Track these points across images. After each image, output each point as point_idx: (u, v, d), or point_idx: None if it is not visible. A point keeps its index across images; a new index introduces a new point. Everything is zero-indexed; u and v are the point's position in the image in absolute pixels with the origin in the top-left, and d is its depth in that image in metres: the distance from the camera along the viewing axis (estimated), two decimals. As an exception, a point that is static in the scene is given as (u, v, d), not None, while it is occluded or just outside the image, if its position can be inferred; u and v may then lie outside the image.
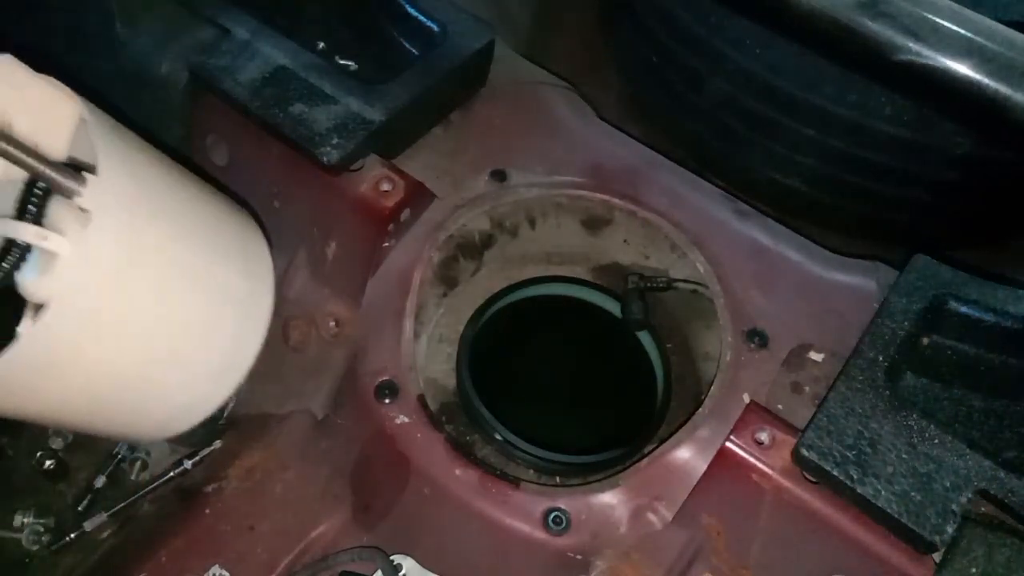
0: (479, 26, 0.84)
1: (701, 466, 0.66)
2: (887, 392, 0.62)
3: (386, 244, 0.78)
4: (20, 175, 0.42)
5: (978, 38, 0.47)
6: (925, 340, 0.68)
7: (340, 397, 0.75)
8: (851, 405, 0.62)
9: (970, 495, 0.57)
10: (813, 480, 0.63)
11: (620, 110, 0.89)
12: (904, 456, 0.59)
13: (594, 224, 0.84)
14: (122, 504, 0.74)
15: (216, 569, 0.67)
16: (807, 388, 0.69)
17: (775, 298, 0.73)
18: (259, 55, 0.77)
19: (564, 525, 0.64)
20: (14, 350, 0.39)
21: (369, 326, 0.75)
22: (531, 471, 0.75)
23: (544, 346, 0.87)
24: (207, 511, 0.70)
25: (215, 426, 0.78)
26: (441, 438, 0.69)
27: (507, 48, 0.90)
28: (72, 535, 0.72)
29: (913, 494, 0.58)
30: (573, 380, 0.87)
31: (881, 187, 0.85)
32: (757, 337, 0.71)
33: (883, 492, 0.58)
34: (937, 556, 0.57)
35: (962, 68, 0.46)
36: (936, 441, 0.60)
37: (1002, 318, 0.65)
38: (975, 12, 0.48)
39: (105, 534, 0.73)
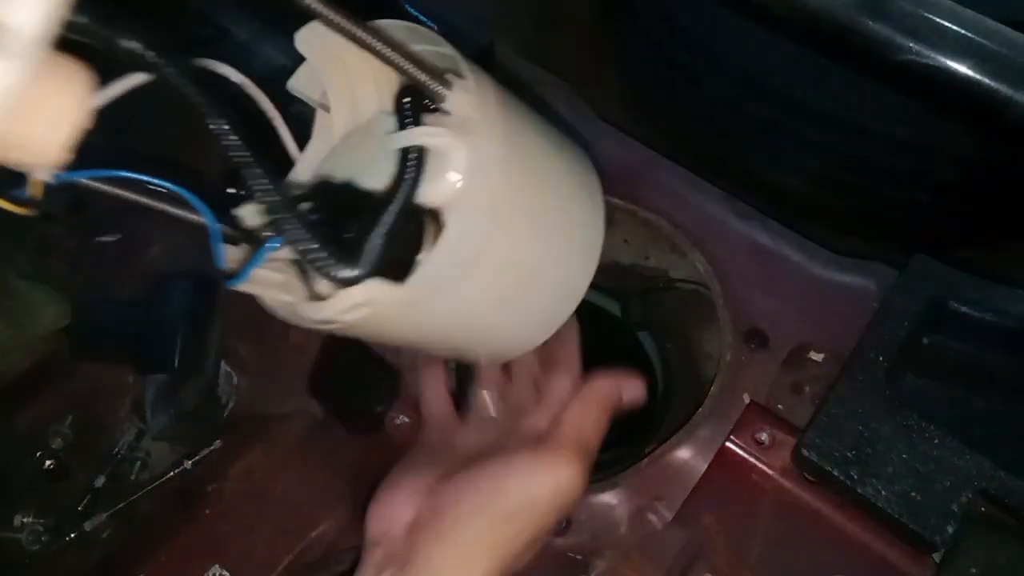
0: (479, 26, 0.84)
1: (701, 466, 0.66)
2: (887, 392, 0.62)
3: (386, 244, 0.78)
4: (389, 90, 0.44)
5: (978, 38, 0.47)
6: (925, 340, 0.68)
7: (340, 397, 0.75)
8: (851, 405, 0.62)
9: (970, 495, 0.57)
10: (813, 480, 0.63)
11: (620, 110, 0.89)
12: (904, 456, 0.59)
13: (594, 224, 0.84)
14: (122, 504, 0.74)
15: (216, 569, 0.67)
16: (807, 388, 0.69)
17: (775, 298, 0.73)
18: (259, 55, 0.77)
19: (564, 525, 0.64)
20: (437, 253, 0.40)
21: (369, 326, 0.75)
22: (531, 471, 0.74)
23: (544, 346, 0.87)
24: (207, 511, 0.70)
25: (215, 426, 0.78)
26: (441, 438, 0.69)
27: (507, 48, 0.90)
28: (72, 535, 0.72)
29: (913, 494, 0.58)
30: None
31: (881, 187, 0.85)
32: (757, 337, 0.71)
33: (883, 492, 0.58)
34: (937, 556, 0.57)
35: (962, 68, 0.46)
36: (936, 441, 0.60)
37: (1002, 318, 0.65)
38: (975, 12, 0.48)
39: (105, 534, 0.73)
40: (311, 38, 0.46)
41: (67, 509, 0.74)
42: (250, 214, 0.44)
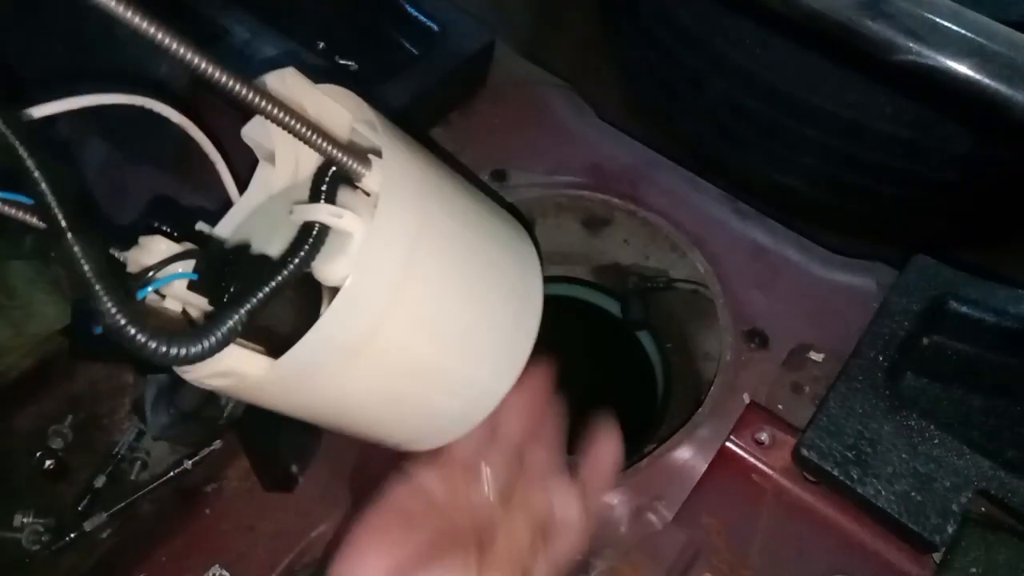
0: (479, 26, 0.84)
1: (701, 466, 0.66)
2: (887, 392, 0.62)
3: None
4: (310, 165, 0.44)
5: (978, 38, 0.47)
6: (925, 340, 0.68)
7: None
8: (851, 405, 0.62)
9: (970, 495, 0.57)
10: (813, 480, 0.63)
11: (620, 110, 0.89)
12: (904, 456, 0.59)
13: (594, 224, 0.84)
14: (122, 504, 0.74)
15: (216, 569, 0.67)
16: (807, 388, 0.69)
17: (775, 298, 0.74)
18: (259, 55, 0.77)
19: (564, 525, 0.64)
20: (317, 330, 0.39)
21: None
22: (531, 471, 0.74)
23: (544, 346, 0.87)
24: (207, 511, 0.70)
25: (215, 426, 0.78)
26: (441, 438, 0.69)
27: (507, 48, 0.90)
28: (72, 535, 0.72)
29: (913, 494, 0.58)
30: (572, 380, 0.87)
31: (881, 187, 0.85)
32: (757, 337, 0.71)
33: (883, 492, 0.58)
34: (937, 556, 0.57)
35: (962, 68, 0.46)
36: (936, 441, 0.60)
37: (1002, 318, 0.65)
38: (975, 12, 0.48)
39: (105, 534, 0.73)
40: None
41: (67, 509, 0.74)
42: (132, 263, 0.42)
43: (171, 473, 0.75)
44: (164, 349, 0.35)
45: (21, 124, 0.35)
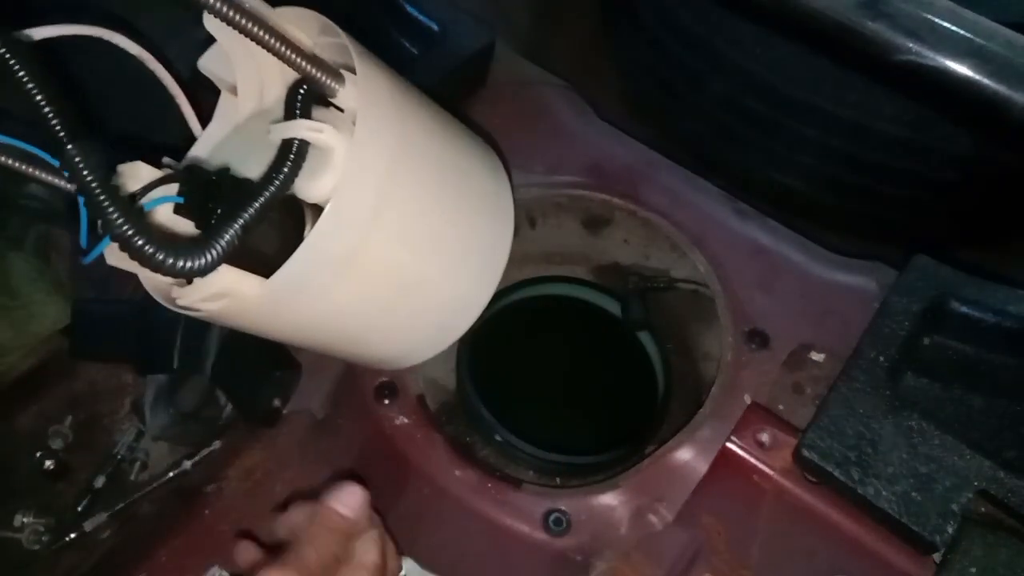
0: (479, 26, 0.84)
1: (702, 467, 0.66)
2: (888, 392, 0.62)
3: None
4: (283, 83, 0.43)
5: (978, 38, 0.47)
6: (925, 340, 0.68)
7: (340, 397, 0.75)
8: (852, 405, 0.62)
9: (970, 495, 0.57)
10: (814, 480, 0.63)
11: (620, 110, 0.89)
12: (905, 456, 0.59)
13: (594, 224, 0.84)
14: (122, 504, 0.74)
15: (216, 569, 0.67)
16: (808, 388, 0.69)
17: (776, 298, 0.73)
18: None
19: (564, 526, 0.64)
20: (308, 243, 0.39)
21: (369, 326, 0.75)
22: (531, 472, 0.75)
23: (544, 346, 0.87)
24: (207, 511, 0.70)
25: (215, 426, 0.78)
26: (441, 438, 0.69)
27: (507, 48, 0.90)
28: (72, 535, 0.72)
29: (914, 494, 0.58)
30: (573, 380, 0.87)
31: (881, 187, 0.85)
32: (758, 337, 0.71)
33: (884, 492, 0.58)
34: (937, 556, 0.57)
35: (962, 68, 0.46)
36: (936, 441, 0.60)
37: (1002, 318, 0.65)
38: (975, 12, 0.48)
39: (105, 534, 0.73)
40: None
41: (67, 509, 0.74)
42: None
43: (171, 473, 0.75)
44: (171, 260, 0.36)
45: (18, 43, 0.36)
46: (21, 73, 0.35)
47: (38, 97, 0.35)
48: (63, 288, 0.84)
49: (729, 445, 0.65)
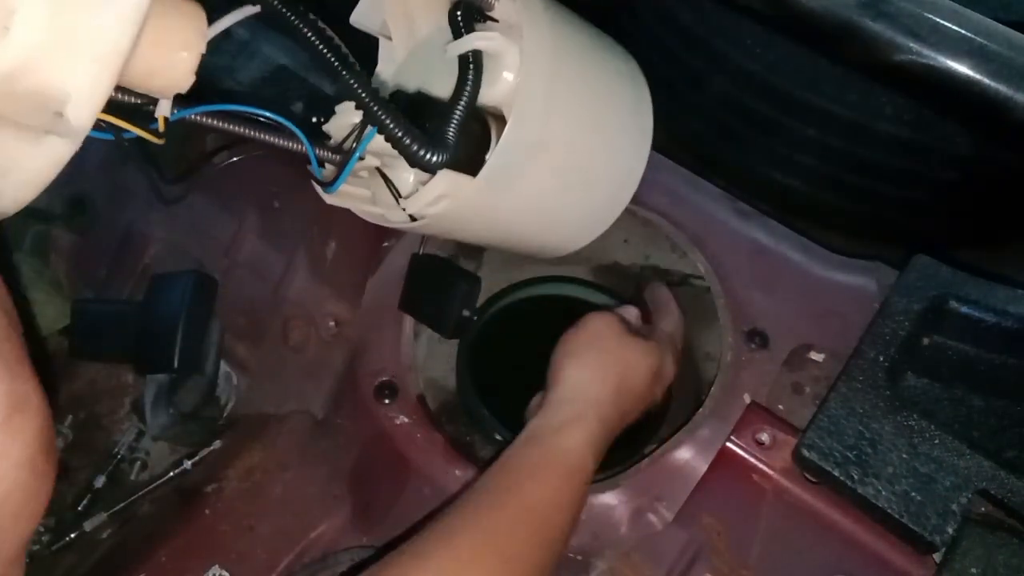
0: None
1: (702, 466, 0.66)
2: (888, 392, 0.62)
3: (386, 244, 0.78)
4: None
5: (978, 38, 0.47)
6: (926, 340, 0.68)
7: (340, 397, 0.75)
8: (852, 405, 0.62)
9: (970, 495, 0.57)
10: (814, 480, 0.63)
11: (620, 110, 0.89)
12: (904, 456, 0.59)
13: (594, 224, 0.84)
14: (122, 504, 0.74)
15: (216, 569, 0.67)
16: (808, 388, 0.69)
17: (776, 298, 0.73)
18: (259, 55, 0.77)
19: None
20: (504, 144, 0.46)
21: (369, 326, 0.75)
22: (531, 471, 0.74)
23: (544, 346, 0.87)
24: (207, 511, 0.70)
25: (215, 426, 0.78)
26: (441, 438, 0.69)
27: (507, 48, 0.90)
28: (72, 535, 0.72)
29: (913, 494, 0.58)
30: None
31: (881, 187, 0.85)
32: (758, 337, 0.71)
33: (883, 492, 0.58)
34: (937, 556, 0.57)
35: (962, 68, 0.46)
36: (936, 441, 0.60)
37: (1002, 318, 0.65)
38: (975, 12, 0.48)
39: (105, 534, 0.73)
40: None
41: (67, 509, 0.74)
42: (336, 129, 0.49)
43: (171, 473, 0.75)
44: (426, 154, 0.44)
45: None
46: (296, 21, 0.44)
47: (309, 34, 0.44)
48: (62, 288, 0.84)
49: (729, 445, 0.65)
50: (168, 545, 0.68)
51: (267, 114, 0.44)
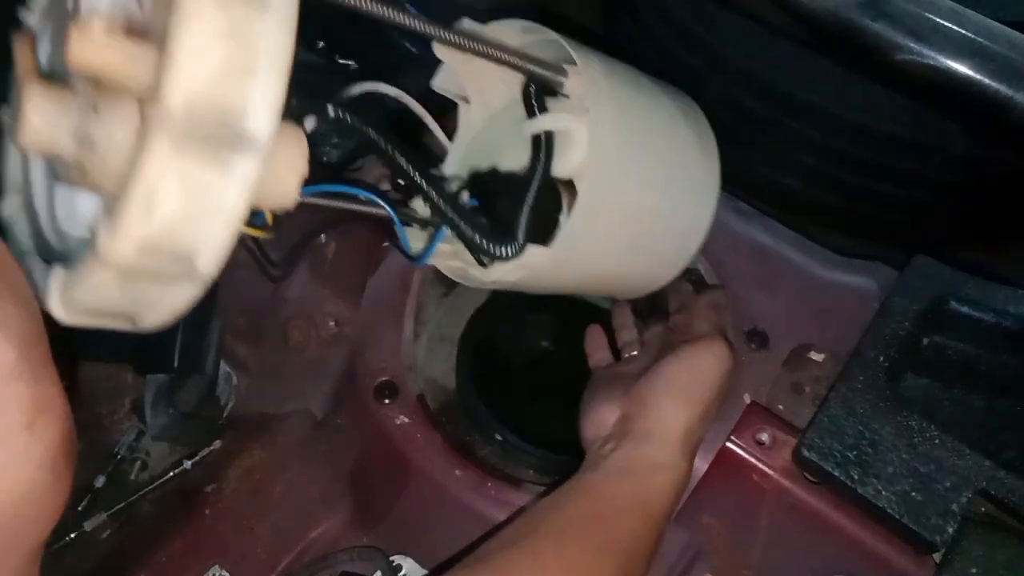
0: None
1: (702, 467, 0.66)
2: (888, 392, 0.62)
3: (386, 244, 0.78)
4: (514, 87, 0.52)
5: (978, 38, 0.47)
6: (926, 340, 0.68)
7: (340, 397, 0.75)
8: (852, 405, 0.62)
9: (970, 495, 0.57)
10: (814, 480, 0.63)
11: (620, 110, 0.89)
12: (905, 456, 0.59)
13: (594, 224, 0.84)
14: (122, 504, 0.74)
15: (216, 569, 0.67)
16: (808, 388, 0.69)
17: (776, 298, 0.73)
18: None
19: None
20: (574, 219, 0.49)
21: (369, 326, 0.75)
22: (531, 471, 0.74)
23: (546, 347, 0.87)
24: (207, 511, 0.70)
25: (215, 426, 0.78)
26: (441, 438, 0.69)
27: (507, 48, 0.89)
28: (72, 535, 0.72)
29: (913, 494, 0.58)
30: (574, 379, 0.87)
31: (881, 187, 0.85)
32: (757, 337, 0.71)
33: (884, 492, 0.58)
34: (937, 556, 0.57)
35: (962, 68, 0.46)
36: (936, 441, 0.60)
37: (1002, 318, 0.65)
38: (975, 12, 0.48)
39: (105, 534, 0.73)
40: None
41: (67, 509, 0.74)
42: (421, 206, 0.53)
43: (171, 473, 0.75)
44: (496, 249, 0.47)
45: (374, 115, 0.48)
46: (373, 135, 0.47)
47: (387, 145, 0.47)
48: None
49: (729, 445, 0.65)
50: (168, 545, 0.68)
51: (366, 195, 0.48)
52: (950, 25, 0.47)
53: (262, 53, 0.28)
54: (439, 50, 0.53)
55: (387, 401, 0.70)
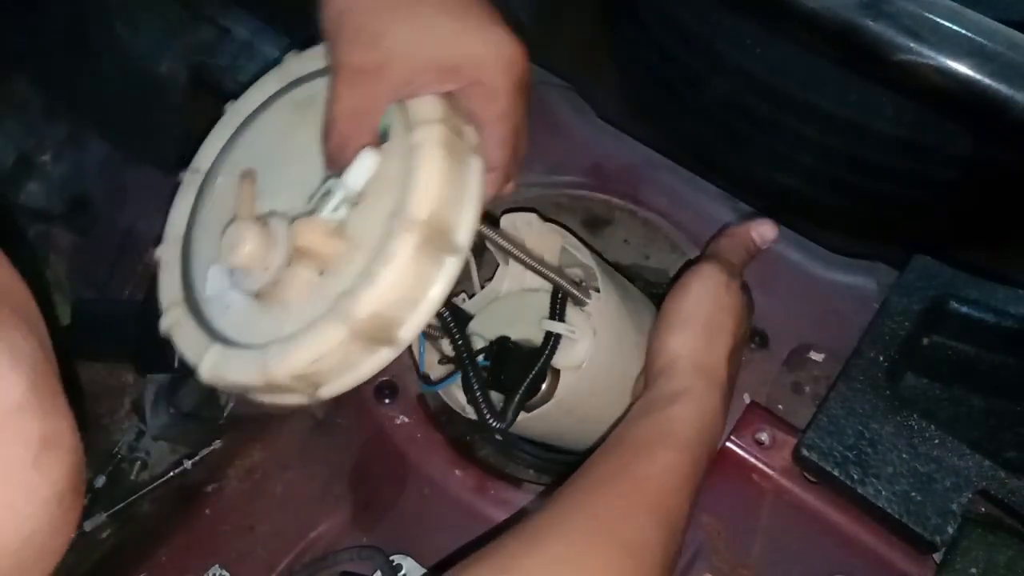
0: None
1: (701, 466, 0.66)
2: (887, 392, 0.62)
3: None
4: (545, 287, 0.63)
5: (978, 38, 0.47)
6: (925, 340, 0.68)
7: (340, 397, 0.75)
8: (851, 405, 0.62)
9: (970, 495, 0.57)
10: (813, 480, 0.63)
11: (620, 110, 0.89)
12: (904, 456, 0.59)
13: (594, 224, 0.84)
14: (122, 504, 0.74)
15: (216, 569, 0.67)
16: (807, 388, 0.69)
17: (775, 298, 0.73)
18: (259, 55, 0.77)
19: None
20: (553, 404, 0.59)
21: (369, 326, 0.75)
22: (531, 471, 0.75)
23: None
24: (207, 511, 0.70)
25: (215, 426, 0.78)
26: (441, 438, 0.69)
27: (507, 48, 0.89)
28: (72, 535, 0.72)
29: (913, 494, 0.58)
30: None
31: (881, 187, 0.85)
32: (757, 337, 0.71)
33: (883, 492, 0.58)
34: (937, 556, 0.57)
35: (962, 68, 0.46)
36: (936, 441, 0.60)
37: (1002, 318, 0.65)
38: (975, 12, 0.48)
39: (105, 534, 0.73)
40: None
41: (67, 509, 0.74)
42: (447, 347, 0.61)
43: (171, 473, 0.75)
44: (492, 421, 0.57)
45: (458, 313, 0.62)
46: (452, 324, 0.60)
47: (455, 332, 0.59)
48: (62, 288, 0.84)
49: (728, 445, 0.65)
50: (168, 545, 0.68)
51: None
52: (950, 25, 0.47)
53: (467, 190, 0.43)
54: (493, 246, 0.62)
55: (387, 401, 0.70)
